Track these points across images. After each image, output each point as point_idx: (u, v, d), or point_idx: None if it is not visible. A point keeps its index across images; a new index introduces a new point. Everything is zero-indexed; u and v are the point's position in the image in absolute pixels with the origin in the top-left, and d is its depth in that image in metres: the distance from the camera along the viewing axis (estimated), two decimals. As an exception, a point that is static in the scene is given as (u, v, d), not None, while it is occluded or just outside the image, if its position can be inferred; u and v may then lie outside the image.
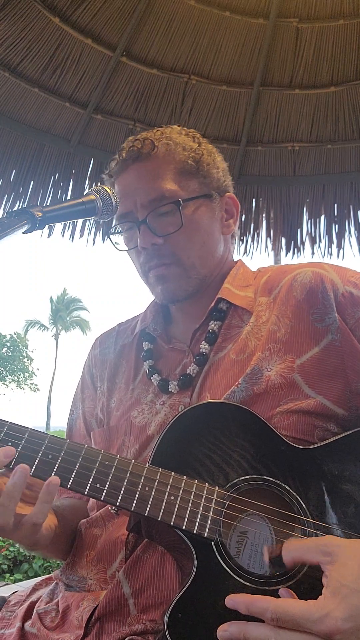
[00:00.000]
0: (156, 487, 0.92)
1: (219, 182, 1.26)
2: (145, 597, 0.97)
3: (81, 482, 0.94)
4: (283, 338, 1.09)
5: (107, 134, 3.51)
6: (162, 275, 1.21)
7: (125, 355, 1.34)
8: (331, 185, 3.65)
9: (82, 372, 1.43)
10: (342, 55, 3.35)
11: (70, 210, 1.04)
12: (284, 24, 3.29)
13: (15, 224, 0.91)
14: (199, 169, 1.22)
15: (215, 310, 1.20)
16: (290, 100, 3.52)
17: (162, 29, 3.29)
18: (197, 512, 0.90)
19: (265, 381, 1.05)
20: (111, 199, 1.10)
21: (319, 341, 1.07)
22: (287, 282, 1.15)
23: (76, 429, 1.38)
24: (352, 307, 1.07)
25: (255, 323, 1.14)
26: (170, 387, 1.17)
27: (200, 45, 3.36)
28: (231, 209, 1.29)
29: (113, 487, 0.93)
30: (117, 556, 1.05)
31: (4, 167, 3.34)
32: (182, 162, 1.21)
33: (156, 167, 1.19)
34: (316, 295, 1.09)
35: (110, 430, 1.23)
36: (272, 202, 3.75)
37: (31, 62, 3.18)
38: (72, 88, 3.34)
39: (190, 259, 1.20)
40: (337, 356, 1.06)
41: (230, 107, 3.55)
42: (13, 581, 4.95)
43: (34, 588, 1.23)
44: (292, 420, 1.02)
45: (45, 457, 0.96)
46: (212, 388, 1.11)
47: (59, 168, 3.48)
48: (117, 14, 3.19)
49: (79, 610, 1.01)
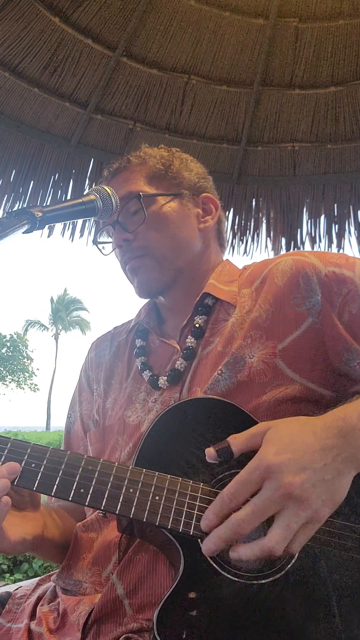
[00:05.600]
0: (140, 488, 0.92)
1: (191, 182, 1.34)
2: (140, 596, 0.97)
3: (65, 488, 0.94)
4: (264, 324, 1.11)
5: (107, 134, 3.51)
6: (134, 267, 1.27)
7: (120, 355, 1.36)
8: (331, 185, 3.65)
9: (79, 375, 1.46)
10: (342, 55, 3.35)
11: (70, 210, 1.04)
12: (284, 24, 3.29)
13: (15, 224, 0.91)
14: (168, 172, 1.32)
15: (200, 305, 1.24)
16: (290, 100, 3.52)
17: (162, 29, 3.29)
18: (182, 511, 0.91)
19: (248, 368, 1.07)
20: (111, 199, 1.10)
21: (300, 324, 1.09)
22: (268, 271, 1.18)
23: (74, 432, 1.39)
24: (337, 285, 1.09)
25: (239, 314, 1.17)
26: (159, 382, 1.19)
27: (200, 45, 3.36)
28: (208, 207, 1.36)
29: (97, 491, 0.93)
30: (111, 558, 1.06)
31: (4, 167, 3.33)
32: (152, 167, 1.31)
33: (128, 175, 1.31)
34: (297, 280, 1.11)
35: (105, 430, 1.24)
36: (272, 202, 3.75)
37: (31, 62, 3.18)
38: (72, 88, 3.34)
39: (161, 250, 1.25)
40: (317, 338, 1.07)
41: (230, 107, 3.55)
42: (13, 581, 4.95)
43: (39, 583, 1.24)
44: (281, 409, 1.03)
45: (29, 465, 0.96)
46: (202, 382, 1.12)
47: (59, 168, 3.47)
48: (117, 14, 3.19)
49: (75, 614, 1.02)
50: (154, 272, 1.25)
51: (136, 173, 1.30)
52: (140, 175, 1.30)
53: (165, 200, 1.28)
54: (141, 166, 1.31)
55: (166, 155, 1.35)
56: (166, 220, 1.27)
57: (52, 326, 57.54)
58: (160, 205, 1.27)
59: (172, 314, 1.32)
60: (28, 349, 52.69)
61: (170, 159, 1.34)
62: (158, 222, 1.26)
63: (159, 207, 1.27)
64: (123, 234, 1.26)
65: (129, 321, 1.44)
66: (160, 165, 1.31)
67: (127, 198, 1.25)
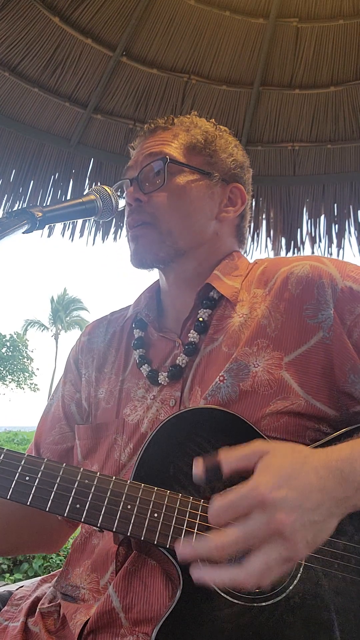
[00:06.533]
0: (138, 504, 0.88)
1: (226, 167, 1.26)
2: (135, 612, 0.95)
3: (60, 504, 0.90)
4: (272, 334, 1.06)
5: (107, 133, 3.51)
6: (136, 235, 1.20)
7: (115, 344, 1.30)
8: (331, 185, 3.64)
9: (67, 358, 1.39)
10: (342, 55, 3.34)
11: (70, 210, 1.04)
12: (284, 24, 3.29)
13: (15, 224, 0.91)
14: (206, 148, 1.24)
15: (205, 298, 1.18)
16: (290, 100, 3.52)
17: (162, 29, 3.29)
18: (182, 529, 0.87)
19: (252, 377, 1.02)
20: (111, 199, 1.10)
21: (310, 338, 1.04)
22: (283, 274, 1.12)
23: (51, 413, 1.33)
24: (351, 302, 1.04)
25: (249, 315, 1.11)
26: (159, 378, 1.14)
27: (200, 45, 3.36)
28: (236, 198, 1.28)
29: (93, 507, 0.89)
30: (109, 568, 1.03)
31: (4, 167, 3.33)
32: (192, 137, 1.24)
33: (166, 136, 1.24)
34: (312, 290, 1.06)
35: (99, 427, 1.19)
36: (272, 202, 3.75)
37: (31, 62, 3.17)
38: (72, 88, 3.33)
39: (169, 224, 1.18)
40: (326, 354, 1.03)
41: (230, 107, 3.55)
42: (13, 581, 4.95)
43: (39, 583, 1.23)
44: (283, 422, 1.00)
45: (22, 479, 0.92)
46: (203, 382, 1.08)
47: (59, 168, 3.47)
48: (117, 14, 3.18)
49: (72, 622, 1.00)
50: (153, 245, 1.18)
51: (174, 137, 1.23)
52: (177, 141, 1.23)
53: (193, 175, 1.21)
54: (184, 132, 1.24)
55: (211, 131, 1.28)
56: (185, 195, 1.19)
57: (52, 326, 57.52)
58: (185, 179, 1.20)
59: (173, 303, 1.26)
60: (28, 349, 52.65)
61: (214, 135, 1.27)
62: (176, 195, 1.19)
63: (183, 180, 1.20)
64: (137, 193, 1.19)
65: (127, 307, 1.36)
66: (202, 138, 1.24)
67: (155, 156, 1.19)
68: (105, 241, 3.63)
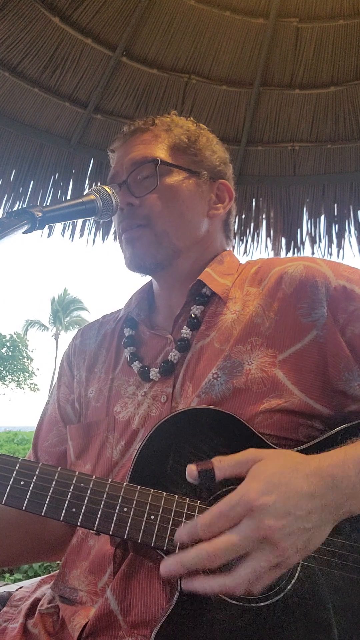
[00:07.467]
0: (135, 507, 0.87)
1: (212, 165, 1.27)
2: (134, 614, 0.95)
3: (56, 508, 0.88)
4: (266, 332, 1.06)
5: (107, 133, 3.51)
6: (132, 238, 1.19)
7: (106, 344, 1.31)
8: (331, 185, 3.64)
9: (61, 361, 1.40)
10: (342, 55, 3.34)
11: (70, 210, 1.04)
12: (284, 24, 3.29)
13: (15, 224, 0.90)
14: (191, 147, 1.24)
15: (197, 295, 1.18)
16: (290, 100, 3.52)
17: (162, 29, 3.29)
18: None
19: (245, 375, 1.02)
20: (111, 198, 1.10)
21: (303, 337, 1.04)
22: (277, 274, 1.12)
23: (47, 416, 1.34)
24: (344, 301, 1.05)
25: (242, 312, 1.11)
26: (151, 374, 1.13)
27: (200, 45, 3.36)
28: (223, 194, 1.29)
29: (90, 511, 0.88)
30: (107, 570, 1.02)
31: (4, 167, 3.33)
32: (176, 137, 1.24)
33: (150, 138, 1.23)
34: (305, 289, 1.06)
35: (90, 426, 1.18)
36: (272, 202, 3.75)
37: (31, 62, 3.17)
38: (72, 88, 3.33)
39: (164, 225, 1.18)
40: (320, 353, 1.03)
41: (230, 107, 3.55)
42: (13, 581, 4.95)
43: (39, 584, 1.22)
44: (276, 419, 1.00)
45: (17, 484, 0.90)
46: (195, 378, 1.08)
47: (59, 168, 3.47)
48: (117, 14, 3.18)
49: (71, 625, 1.00)
50: (151, 248, 1.18)
51: (157, 138, 1.23)
52: (161, 142, 1.22)
53: (182, 175, 1.21)
54: (166, 132, 1.24)
55: (193, 129, 1.28)
56: (177, 195, 1.20)
57: (52, 326, 57.50)
58: (175, 179, 1.20)
59: (165, 302, 1.25)
60: (28, 349, 52.64)
61: (196, 133, 1.27)
62: (168, 195, 1.19)
63: (173, 180, 1.20)
64: (129, 197, 1.18)
65: (119, 310, 1.37)
66: (185, 137, 1.24)
67: (142, 161, 1.19)
68: (105, 241, 3.63)
